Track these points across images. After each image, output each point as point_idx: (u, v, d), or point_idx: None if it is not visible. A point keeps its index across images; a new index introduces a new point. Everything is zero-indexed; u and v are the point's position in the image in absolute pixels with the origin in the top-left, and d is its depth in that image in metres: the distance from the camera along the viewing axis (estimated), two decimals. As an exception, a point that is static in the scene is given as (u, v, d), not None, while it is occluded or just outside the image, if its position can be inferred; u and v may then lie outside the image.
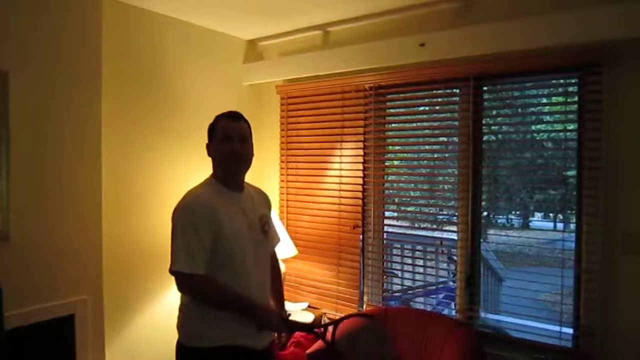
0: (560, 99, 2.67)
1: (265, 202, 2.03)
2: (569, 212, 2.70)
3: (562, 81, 2.64)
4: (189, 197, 1.78)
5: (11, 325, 1.99)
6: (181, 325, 1.79)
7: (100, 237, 2.44)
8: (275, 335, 1.96)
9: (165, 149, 3.05)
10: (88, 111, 2.39)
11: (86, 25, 2.38)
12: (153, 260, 2.95)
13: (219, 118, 1.87)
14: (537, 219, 8.50)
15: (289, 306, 3.23)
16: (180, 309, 1.80)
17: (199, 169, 3.17)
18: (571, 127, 2.59)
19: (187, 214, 1.72)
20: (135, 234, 2.88)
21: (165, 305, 3.01)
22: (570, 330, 2.49)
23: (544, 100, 2.73)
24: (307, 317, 3.17)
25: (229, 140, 1.80)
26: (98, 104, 2.43)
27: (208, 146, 1.87)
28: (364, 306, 3.19)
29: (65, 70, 2.29)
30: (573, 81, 2.56)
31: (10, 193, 2.08)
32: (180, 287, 1.73)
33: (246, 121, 1.89)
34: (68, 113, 2.30)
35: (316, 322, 3.18)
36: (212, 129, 1.86)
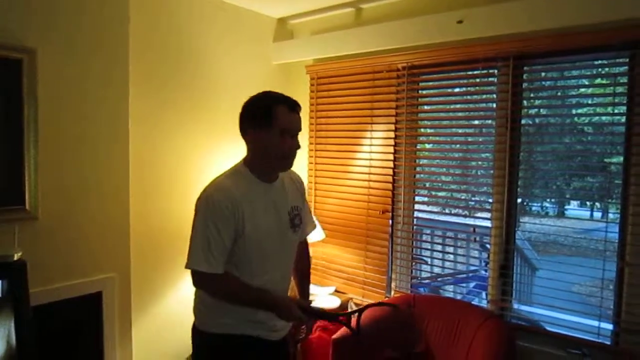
0: (607, 80, 2.50)
1: (299, 189, 1.89)
2: (609, 200, 2.54)
3: (610, 61, 2.46)
4: (214, 188, 1.64)
5: (40, 302, 2.03)
6: (196, 310, 1.77)
7: (128, 217, 2.44)
8: (294, 327, 1.90)
9: (193, 129, 3.03)
10: (115, 91, 2.36)
11: (113, 4, 2.34)
12: (179, 241, 2.92)
13: (276, 103, 1.62)
14: (573, 207, 8.24)
15: (315, 289, 3.20)
16: (196, 294, 1.78)
17: (227, 149, 3.16)
18: (617, 110, 2.43)
19: (210, 208, 1.59)
20: (162, 214, 2.88)
21: (189, 284, 3.01)
22: (609, 326, 2.36)
23: (587, 82, 2.55)
24: (334, 302, 3.13)
25: (289, 136, 1.63)
26: (125, 83, 2.40)
27: (253, 132, 1.63)
28: (392, 293, 3.12)
29: (92, 49, 2.26)
30: (623, 60, 2.38)
31: (39, 173, 2.08)
32: (196, 284, 1.67)
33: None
34: (95, 93, 2.28)
35: (342, 308, 3.14)
36: (267, 115, 1.60)
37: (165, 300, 2.92)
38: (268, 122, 1.60)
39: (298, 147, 1.67)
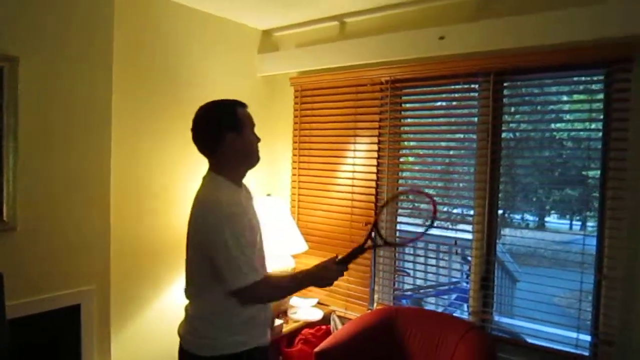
0: (585, 96, 2.57)
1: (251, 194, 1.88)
2: (588, 213, 2.60)
3: (587, 78, 2.53)
4: (225, 203, 1.59)
5: (17, 315, 1.98)
6: (200, 337, 1.67)
7: (108, 229, 2.42)
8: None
9: (177, 140, 3.01)
10: (98, 101, 2.35)
11: (97, 12, 2.33)
12: (160, 253, 2.92)
13: (235, 106, 1.69)
14: (553, 220, 8.35)
15: (297, 301, 3.19)
16: (196, 318, 1.69)
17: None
18: (594, 125, 2.49)
19: (232, 221, 1.57)
20: (144, 226, 2.85)
21: (171, 298, 2.99)
22: (588, 338, 2.40)
23: (566, 98, 2.62)
24: (316, 314, 3.12)
25: (253, 132, 1.74)
26: (108, 94, 2.39)
27: (229, 136, 1.64)
28: (375, 305, 3.12)
29: (75, 58, 2.24)
30: (599, 78, 2.45)
31: (18, 183, 2.05)
32: (253, 296, 1.63)
33: None
34: (77, 102, 2.26)
35: (325, 321, 3.13)
36: (236, 117, 1.65)
37: (145, 313, 2.88)
38: (239, 122, 1.66)
39: (259, 140, 1.76)
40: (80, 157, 2.29)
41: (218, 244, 1.55)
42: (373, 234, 1.85)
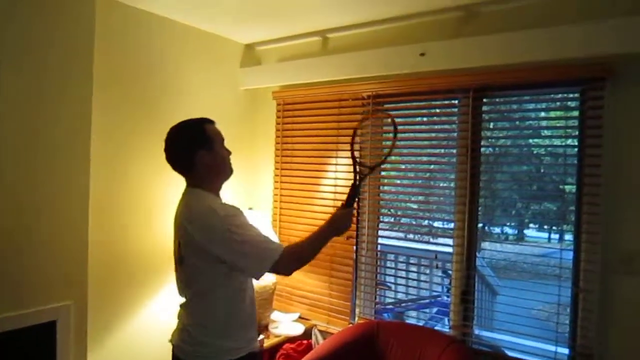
0: (561, 113, 2.64)
1: None
2: (565, 226, 2.65)
3: (563, 95, 2.60)
4: (218, 207, 1.66)
5: (-12, 332, 1.92)
6: (197, 344, 1.69)
7: (86, 242, 2.37)
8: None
9: (158, 153, 2.97)
10: (77, 112, 2.31)
11: (79, 23, 2.30)
12: (139, 267, 2.89)
13: (203, 123, 1.76)
14: (532, 234, 8.49)
15: (279, 316, 3.17)
16: (198, 325, 1.71)
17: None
18: (570, 141, 2.55)
19: (232, 218, 1.63)
20: (124, 239, 2.82)
21: (150, 313, 2.95)
22: (566, 351, 2.43)
23: (543, 114, 2.69)
24: (298, 329, 3.10)
25: (224, 146, 1.80)
26: (88, 106, 2.35)
27: (207, 154, 1.70)
28: (356, 319, 3.12)
29: (56, 69, 2.21)
30: (574, 95, 2.52)
31: (-8, 195, 2.00)
32: (286, 267, 1.68)
33: None
34: (55, 113, 2.22)
35: (306, 335, 3.11)
36: (204, 134, 1.72)
37: (124, 329, 2.83)
38: (209, 139, 1.73)
39: (230, 153, 1.83)
40: (58, 169, 2.24)
41: (228, 241, 1.59)
42: (358, 168, 1.93)
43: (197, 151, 1.70)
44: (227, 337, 1.69)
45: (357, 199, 1.82)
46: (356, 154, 3.05)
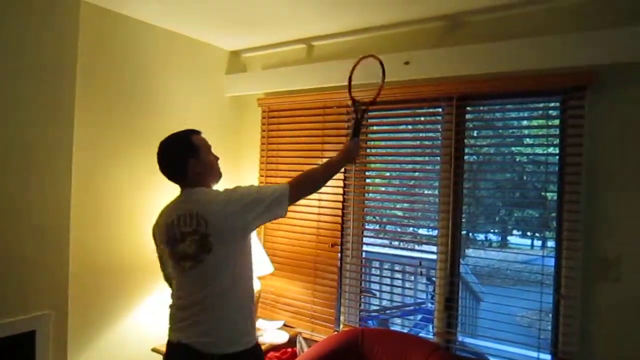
0: (542, 121, 2.68)
1: None
2: (547, 233, 2.68)
3: (544, 104, 2.65)
4: (223, 189, 1.90)
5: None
6: (222, 336, 1.81)
7: (67, 252, 2.33)
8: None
9: (141, 161, 2.96)
10: (60, 121, 2.28)
11: (63, 30, 2.28)
12: (121, 276, 2.85)
13: (190, 135, 1.93)
14: (515, 240, 8.57)
15: (263, 324, 3.15)
16: (223, 317, 1.81)
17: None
18: (551, 149, 2.60)
19: (235, 187, 1.88)
20: (106, 247, 2.78)
21: (133, 322, 2.91)
22: (548, 357, 2.45)
23: (526, 123, 2.73)
24: (282, 337, 3.08)
25: (211, 153, 1.98)
26: (71, 114, 2.33)
27: (195, 162, 1.88)
28: (341, 326, 3.11)
29: (38, 76, 2.19)
30: (555, 104, 2.56)
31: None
32: (299, 198, 1.93)
33: None
34: (38, 118, 2.20)
35: (290, 343, 3.09)
36: (192, 145, 1.91)
37: (105, 338, 2.78)
38: (196, 148, 1.91)
39: (217, 158, 2.01)
40: (39, 177, 2.21)
41: (248, 204, 1.80)
42: (356, 103, 2.23)
43: (187, 160, 1.87)
44: (248, 327, 1.89)
45: (360, 131, 2.18)
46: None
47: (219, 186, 1.95)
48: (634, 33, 2.14)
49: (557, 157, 2.49)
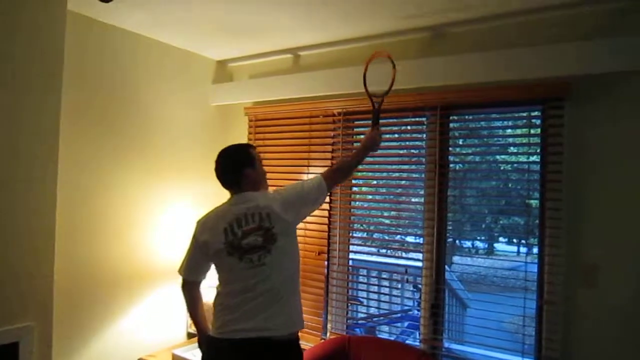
0: (524, 130, 2.73)
1: None
2: (532, 239, 2.72)
3: (526, 113, 2.70)
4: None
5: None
6: (295, 322, 2.07)
7: (52, 261, 2.30)
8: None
9: (127, 170, 2.96)
10: (45, 129, 2.26)
11: (49, 39, 2.27)
12: (107, 285, 2.83)
13: (248, 147, 2.21)
14: (501, 247, 8.65)
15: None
16: (296, 307, 2.08)
17: (162, 192, 3.10)
18: (534, 158, 2.64)
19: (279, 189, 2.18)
20: (92, 257, 2.76)
21: (119, 332, 2.89)
22: (532, 362, 2.48)
23: (509, 131, 2.78)
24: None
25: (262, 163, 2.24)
26: (56, 122, 2.31)
27: (252, 171, 2.12)
28: (328, 334, 3.12)
29: (24, 84, 2.17)
30: (536, 114, 2.61)
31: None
32: (334, 185, 2.36)
33: None
34: (22, 129, 2.18)
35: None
36: (251, 156, 2.15)
37: (92, 349, 2.76)
38: (256, 160, 2.16)
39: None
40: (23, 187, 2.19)
41: (297, 192, 2.11)
42: (372, 98, 2.36)
43: (245, 168, 2.10)
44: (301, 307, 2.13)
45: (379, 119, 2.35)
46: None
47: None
48: (607, 45, 2.21)
49: (539, 165, 2.54)
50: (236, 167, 2.11)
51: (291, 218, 2.06)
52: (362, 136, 3.24)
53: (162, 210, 3.10)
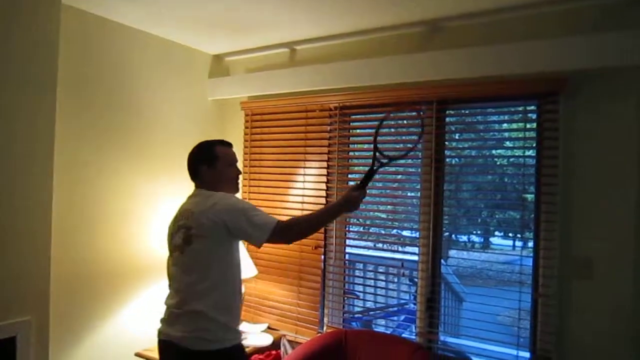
0: (520, 124, 2.74)
1: None
2: (528, 233, 2.74)
3: (521, 108, 2.70)
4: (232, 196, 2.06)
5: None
6: (207, 333, 1.87)
7: (49, 257, 2.30)
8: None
9: (124, 166, 2.95)
10: (40, 125, 2.26)
11: (44, 33, 2.26)
12: (104, 280, 2.84)
13: (214, 145, 2.10)
14: (497, 241, 8.68)
15: (247, 327, 3.15)
16: (210, 313, 1.88)
17: (158, 187, 3.10)
18: (530, 152, 2.65)
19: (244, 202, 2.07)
20: (88, 252, 2.76)
21: (116, 326, 2.89)
22: (527, 354, 2.50)
23: (505, 126, 2.79)
24: (266, 340, 3.10)
25: (234, 166, 2.15)
26: (52, 118, 2.30)
27: (208, 170, 2.06)
28: (324, 328, 3.13)
29: (17, 79, 2.16)
30: (532, 108, 2.62)
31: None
32: (280, 235, 1.90)
33: None
34: (18, 126, 2.17)
35: (275, 346, 3.10)
36: (212, 154, 2.07)
37: (89, 342, 2.77)
38: (215, 158, 2.07)
39: (239, 172, 2.18)
40: (19, 182, 2.18)
41: (240, 212, 1.90)
42: (377, 154, 2.11)
43: (201, 166, 2.07)
44: (233, 324, 1.97)
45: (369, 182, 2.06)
46: (324, 164, 3.12)
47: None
48: (603, 40, 2.22)
49: (535, 159, 2.55)
50: (193, 163, 2.12)
51: (212, 222, 1.89)
52: (358, 130, 3.25)
53: (159, 206, 3.10)
